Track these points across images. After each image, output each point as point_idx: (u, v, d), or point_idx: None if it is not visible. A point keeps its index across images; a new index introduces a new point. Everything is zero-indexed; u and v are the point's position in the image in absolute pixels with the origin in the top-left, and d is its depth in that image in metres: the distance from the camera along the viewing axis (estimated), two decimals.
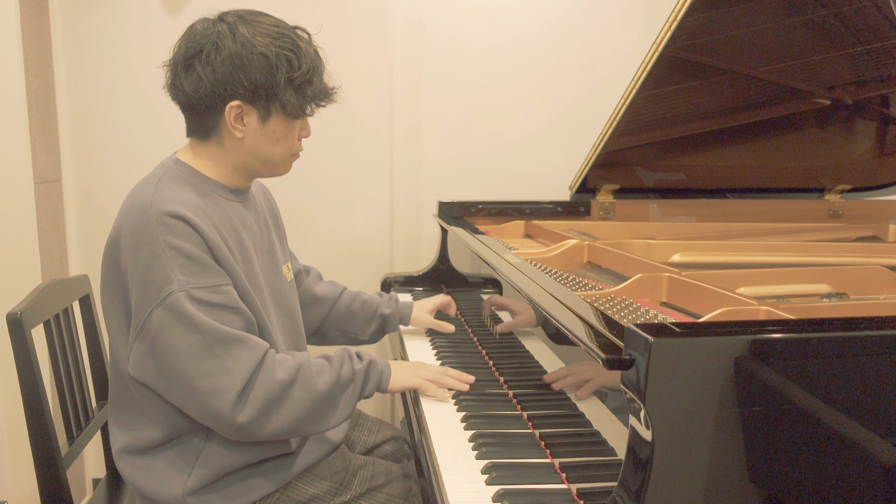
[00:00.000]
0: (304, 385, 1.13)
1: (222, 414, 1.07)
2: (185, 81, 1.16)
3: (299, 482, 1.23)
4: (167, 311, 1.06)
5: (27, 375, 1.23)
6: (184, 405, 1.11)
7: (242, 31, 1.15)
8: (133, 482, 1.19)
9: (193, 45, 1.16)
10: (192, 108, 1.18)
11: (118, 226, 1.14)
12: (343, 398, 1.18)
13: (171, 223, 1.08)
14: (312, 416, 1.14)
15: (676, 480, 0.75)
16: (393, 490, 1.29)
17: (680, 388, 0.74)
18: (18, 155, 1.90)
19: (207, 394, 1.07)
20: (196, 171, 1.20)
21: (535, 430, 1.14)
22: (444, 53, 2.33)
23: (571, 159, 2.28)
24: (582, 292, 1.20)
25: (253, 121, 1.17)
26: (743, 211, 2.21)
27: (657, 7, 2.30)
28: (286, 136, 1.21)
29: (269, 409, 1.10)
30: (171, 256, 1.07)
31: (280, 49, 1.15)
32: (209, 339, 1.07)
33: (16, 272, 1.88)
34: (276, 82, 1.14)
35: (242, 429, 1.09)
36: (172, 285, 1.06)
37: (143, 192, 1.14)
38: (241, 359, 1.08)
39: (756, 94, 1.95)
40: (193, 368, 1.06)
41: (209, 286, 1.09)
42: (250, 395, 1.08)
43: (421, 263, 2.35)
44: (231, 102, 1.15)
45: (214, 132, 1.19)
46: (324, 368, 1.18)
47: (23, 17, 1.95)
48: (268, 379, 1.10)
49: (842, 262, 1.56)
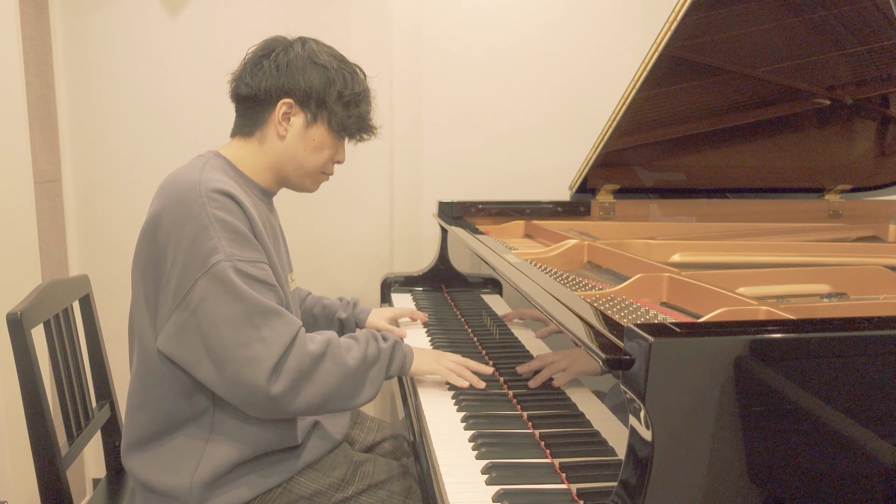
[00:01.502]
0: (334, 359, 1.16)
1: (257, 384, 1.08)
2: (250, 74, 1.25)
3: (301, 477, 1.24)
4: (213, 279, 1.09)
5: (27, 375, 1.23)
6: (212, 380, 1.11)
7: (311, 46, 1.27)
8: (141, 476, 1.20)
9: (266, 47, 1.27)
10: (247, 100, 1.27)
11: (160, 204, 1.15)
12: (370, 375, 1.21)
13: (220, 199, 1.13)
14: (341, 391, 1.16)
15: (676, 480, 0.75)
16: (394, 487, 1.29)
17: (680, 388, 0.74)
18: (18, 155, 1.90)
19: (243, 363, 1.08)
20: (234, 166, 1.27)
21: (535, 430, 1.14)
22: (443, 53, 2.33)
23: (571, 159, 2.28)
24: (582, 292, 1.20)
25: (299, 122, 1.26)
26: (743, 211, 2.21)
27: (657, 7, 2.30)
28: (323, 148, 1.29)
29: (301, 381, 1.11)
30: (219, 228, 1.11)
31: (340, 68, 1.27)
32: (250, 308, 1.09)
33: (16, 272, 1.88)
34: (328, 93, 1.25)
35: (275, 400, 1.10)
36: (219, 255, 1.10)
37: (188, 173, 1.18)
38: (278, 330, 1.10)
39: (756, 94, 1.95)
40: (231, 337, 1.08)
41: (252, 260, 1.13)
42: (284, 367, 1.10)
43: (421, 263, 2.35)
44: (284, 99, 1.24)
45: (259, 127, 1.27)
46: (351, 346, 1.21)
47: (23, 17, 1.95)
48: (300, 351, 1.12)
49: (842, 262, 1.55)
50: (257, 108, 1.26)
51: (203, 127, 2.21)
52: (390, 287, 2.15)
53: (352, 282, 2.39)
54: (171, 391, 1.17)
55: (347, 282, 2.38)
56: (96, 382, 1.56)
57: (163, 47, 2.20)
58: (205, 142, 1.37)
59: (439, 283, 2.15)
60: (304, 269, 2.21)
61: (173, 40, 2.20)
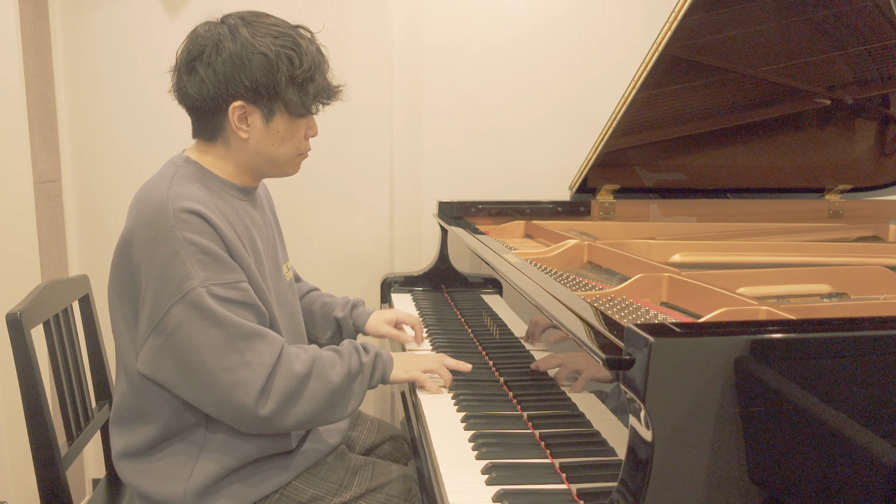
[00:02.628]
0: (319, 378, 1.15)
1: (246, 407, 1.08)
2: (189, 84, 1.16)
3: (298, 482, 1.23)
4: (188, 306, 1.06)
5: (27, 375, 1.23)
6: (199, 400, 1.11)
7: (243, 32, 1.15)
8: (134, 484, 1.19)
9: (195, 48, 1.17)
10: (196, 110, 1.19)
11: (132, 223, 1.13)
12: (353, 389, 1.20)
13: (188, 219, 1.09)
14: (327, 406, 1.16)
15: (676, 480, 0.75)
16: (392, 490, 1.28)
17: (680, 388, 0.74)
18: (18, 155, 1.90)
19: (230, 388, 1.07)
20: (206, 170, 1.21)
21: (535, 430, 1.14)
22: (444, 53, 2.33)
23: (571, 159, 2.28)
24: (582, 292, 1.20)
25: (257, 121, 1.18)
26: (743, 211, 2.21)
27: (657, 7, 2.30)
28: (291, 135, 1.22)
29: (289, 401, 1.11)
30: (190, 252, 1.07)
31: (280, 48, 1.14)
32: (231, 333, 1.08)
33: (16, 272, 1.88)
34: (277, 81, 1.15)
35: (264, 421, 1.10)
36: (193, 281, 1.07)
37: (156, 189, 1.13)
38: (262, 353, 1.09)
39: (756, 94, 1.95)
40: (216, 363, 1.07)
41: (227, 283, 1.10)
42: (272, 389, 1.10)
43: (421, 263, 2.35)
44: (234, 103, 1.15)
45: (220, 133, 1.20)
46: (335, 361, 1.19)
47: (23, 17, 1.95)
48: (286, 373, 1.11)
49: (842, 262, 1.55)
50: (210, 117, 1.18)
51: None
52: (390, 287, 2.15)
53: (352, 282, 2.38)
54: (159, 408, 1.16)
55: (347, 282, 2.38)
56: (96, 382, 1.56)
57: (163, 47, 2.19)
58: None
59: (439, 283, 2.15)
60: (304, 269, 2.20)
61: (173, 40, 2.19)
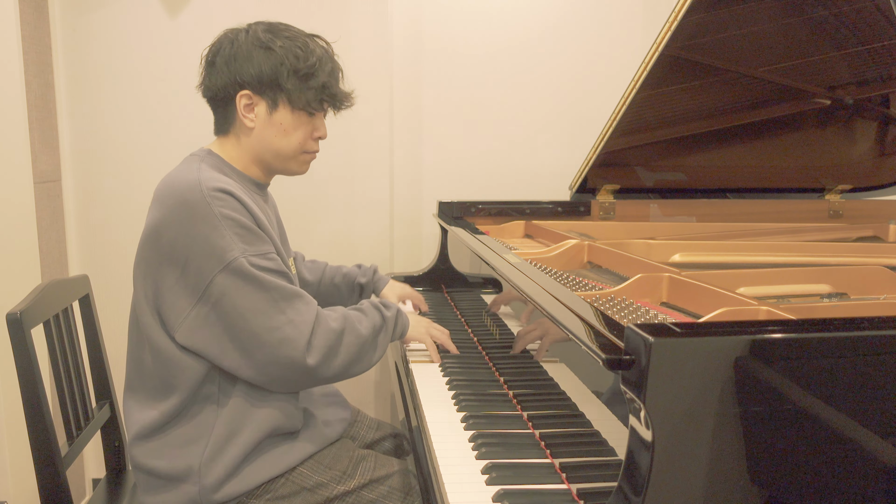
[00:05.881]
0: (352, 332, 1.26)
1: (295, 361, 1.17)
2: (209, 77, 1.29)
3: (304, 468, 1.27)
4: (232, 274, 1.15)
5: (27, 375, 1.23)
6: (241, 366, 1.18)
7: (257, 31, 1.27)
8: (146, 464, 1.23)
9: (216, 45, 1.30)
10: (213, 101, 1.31)
11: (161, 209, 1.19)
12: (379, 340, 1.32)
13: (222, 197, 1.17)
14: (359, 357, 1.27)
15: (676, 480, 0.75)
16: (394, 483, 1.31)
17: (680, 389, 0.74)
18: (18, 155, 1.90)
19: (277, 345, 1.16)
20: (226, 162, 1.31)
21: (535, 430, 1.14)
22: (444, 53, 2.33)
23: (571, 159, 2.27)
24: (582, 292, 1.20)
25: (262, 111, 1.27)
26: (743, 211, 2.21)
27: (657, 7, 2.30)
28: (294, 128, 1.30)
29: (330, 354, 1.22)
30: (228, 226, 1.16)
31: (288, 45, 1.26)
32: (275, 295, 1.17)
33: (16, 272, 1.88)
34: (279, 73, 1.25)
35: (311, 371, 1.20)
36: (234, 251, 1.15)
37: (184, 175, 1.21)
38: (302, 311, 1.19)
39: (756, 94, 1.95)
40: (261, 324, 1.16)
41: (263, 253, 1.19)
42: (314, 343, 1.19)
43: (421, 263, 2.35)
44: (241, 92, 1.26)
45: (232, 125, 1.30)
46: (362, 318, 1.30)
47: (23, 17, 1.95)
48: (325, 329, 1.21)
49: (842, 262, 1.55)
50: (223, 107, 1.30)
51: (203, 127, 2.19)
52: None
53: None
54: (177, 381, 1.21)
55: None
56: (96, 382, 1.56)
57: (163, 47, 2.20)
58: (204, 142, 1.37)
59: (439, 283, 2.15)
60: None
61: (173, 40, 2.20)
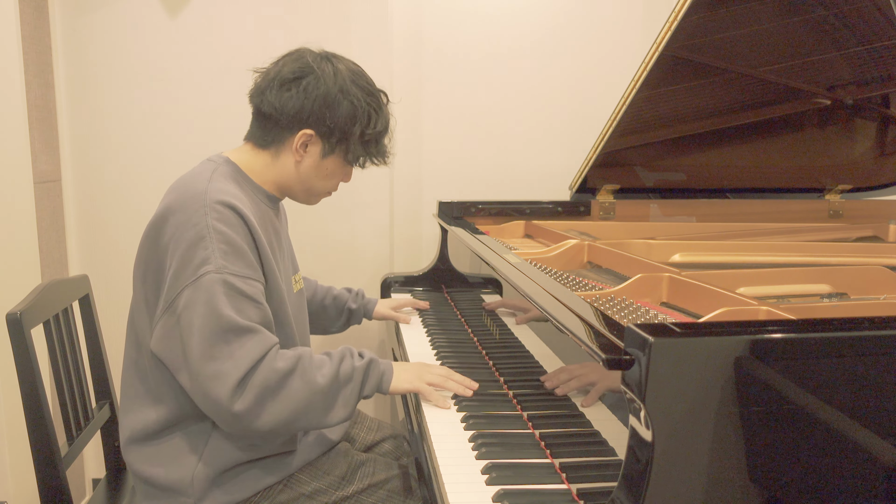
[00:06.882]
0: (303, 377, 1.12)
1: (221, 400, 1.07)
2: (277, 97, 1.23)
3: (302, 475, 1.26)
4: (198, 290, 1.09)
5: (27, 375, 1.23)
6: (188, 388, 1.12)
7: (343, 75, 1.24)
8: (140, 471, 1.21)
9: (298, 71, 1.23)
10: (267, 118, 1.25)
11: (166, 207, 1.16)
12: (342, 395, 1.16)
13: (222, 211, 1.13)
14: (309, 409, 1.12)
15: (676, 480, 0.75)
16: (393, 486, 1.30)
17: (680, 388, 0.74)
18: (18, 155, 1.90)
19: (210, 377, 1.07)
20: (243, 172, 1.27)
21: (535, 430, 1.14)
22: (443, 54, 2.33)
23: (571, 159, 2.27)
24: (582, 292, 1.20)
25: (315, 152, 1.26)
26: (743, 211, 2.21)
27: (657, 7, 2.30)
28: (334, 175, 1.31)
29: (266, 397, 1.09)
30: (215, 240, 1.11)
31: (367, 104, 1.25)
32: (224, 324, 1.08)
33: (16, 272, 1.87)
34: (352, 130, 1.24)
35: (238, 417, 1.08)
36: (209, 266, 1.10)
37: (197, 180, 1.18)
38: (248, 348, 1.09)
39: (756, 94, 1.95)
40: (202, 350, 1.07)
41: (243, 275, 1.12)
42: (248, 383, 1.08)
43: (421, 263, 2.35)
44: (306, 130, 1.23)
45: (276, 146, 1.26)
46: (324, 363, 1.17)
47: (23, 17, 1.95)
48: (267, 367, 1.09)
49: (842, 262, 1.55)
50: (276, 129, 1.25)
51: (203, 127, 2.20)
52: (390, 287, 2.15)
53: (353, 282, 2.38)
54: (172, 389, 1.18)
55: (347, 282, 2.37)
56: (96, 382, 1.56)
57: (163, 47, 2.20)
58: (204, 141, 1.37)
59: (439, 283, 2.15)
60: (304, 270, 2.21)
61: (173, 40, 2.20)
